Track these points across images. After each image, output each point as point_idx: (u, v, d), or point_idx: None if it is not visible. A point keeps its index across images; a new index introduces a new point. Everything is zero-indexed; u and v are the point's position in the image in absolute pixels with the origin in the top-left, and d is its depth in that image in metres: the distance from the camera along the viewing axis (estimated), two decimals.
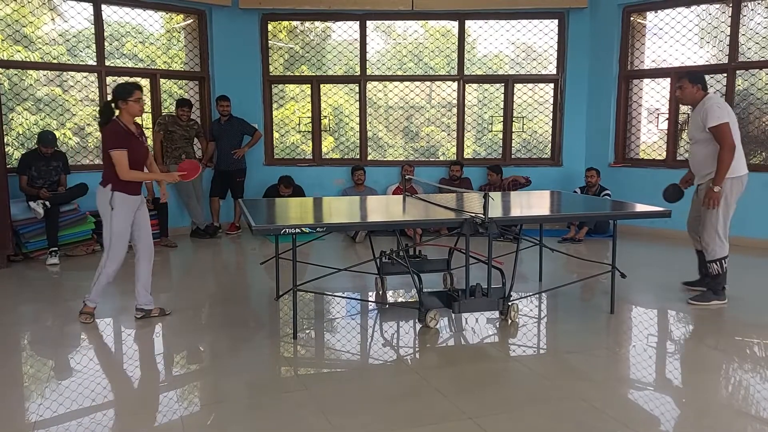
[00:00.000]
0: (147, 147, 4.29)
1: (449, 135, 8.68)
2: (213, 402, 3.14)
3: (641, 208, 4.74)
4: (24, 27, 7.03)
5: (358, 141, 8.35)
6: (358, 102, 8.30)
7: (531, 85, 8.41)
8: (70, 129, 7.56)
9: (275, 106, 8.36)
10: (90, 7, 7.04)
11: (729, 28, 6.93)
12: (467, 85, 8.30)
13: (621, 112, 7.90)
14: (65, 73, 7.36)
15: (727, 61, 6.95)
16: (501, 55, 8.53)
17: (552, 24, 8.12)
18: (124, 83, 4.19)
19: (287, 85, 8.47)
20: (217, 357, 3.80)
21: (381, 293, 4.97)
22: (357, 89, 8.28)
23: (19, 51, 7.06)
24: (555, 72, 8.18)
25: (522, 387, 3.31)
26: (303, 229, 3.72)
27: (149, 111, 7.51)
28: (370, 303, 4.87)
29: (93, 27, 7.11)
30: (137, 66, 7.74)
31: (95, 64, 7.17)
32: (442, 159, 8.60)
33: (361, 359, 3.82)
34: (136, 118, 4.17)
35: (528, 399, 3.13)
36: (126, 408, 3.11)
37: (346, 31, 8.24)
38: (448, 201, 5.06)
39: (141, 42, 7.88)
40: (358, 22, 8.07)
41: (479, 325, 4.26)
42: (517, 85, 8.31)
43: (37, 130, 6.92)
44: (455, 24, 8.14)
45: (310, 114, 8.31)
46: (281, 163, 8.26)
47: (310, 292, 4.68)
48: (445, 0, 7.87)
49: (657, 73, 7.69)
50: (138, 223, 4.22)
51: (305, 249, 6.24)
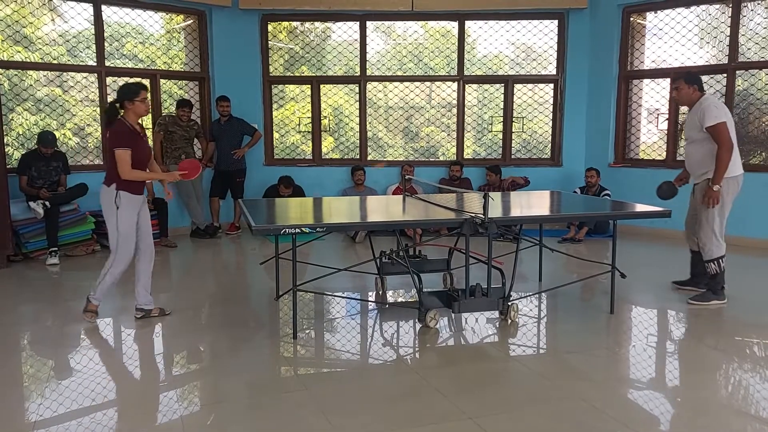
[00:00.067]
0: (150, 147, 4.32)
1: (449, 135, 8.68)
2: (213, 402, 3.14)
3: (641, 208, 4.73)
4: (24, 27, 7.03)
5: (358, 141, 8.36)
6: (358, 102, 8.30)
7: (531, 86, 8.42)
8: (70, 129, 7.56)
9: (275, 106, 8.36)
10: (90, 8, 7.05)
11: (729, 28, 6.93)
12: (467, 86, 8.30)
13: (621, 112, 7.90)
14: (65, 74, 7.36)
15: (727, 62, 6.95)
16: (501, 56, 8.53)
17: (552, 24, 8.12)
18: (130, 83, 4.24)
19: (287, 86, 8.48)
20: (217, 357, 3.80)
21: (381, 293, 4.97)
22: (357, 89, 8.28)
23: (19, 51, 7.06)
24: (555, 72, 8.18)
25: (522, 387, 3.31)
26: (303, 229, 3.72)
27: (149, 111, 7.51)
28: (370, 303, 4.87)
29: (93, 27, 7.12)
30: (137, 66, 7.74)
31: (95, 64, 7.17)
32: (442, 159, 8.60)
33: (361, 359, 3.82)
34: (141, 118, 4.21)
35: (528, 399, 3.13)
36: (126, 408, 3.11)
37: (346, 32, 8.24)
38: (448, 201, 5.06)
39: (141, 42, 7.88)
40: (358, 22, 8.07)
41: (479, 325, 4.26)
42: (517, 86, 8.31)
43: (37, 130, 6.92)
44: (455, 24, 8.15)
45: (310, 114, 8.31)
46: (281, 164, 8.26)
47: (310, 292, 4.68)
48: (445, 0, 7.87)
49: (657, 74, 7.70)
50: (139, 224, 4.23)
51: (305, 249, 6.24)
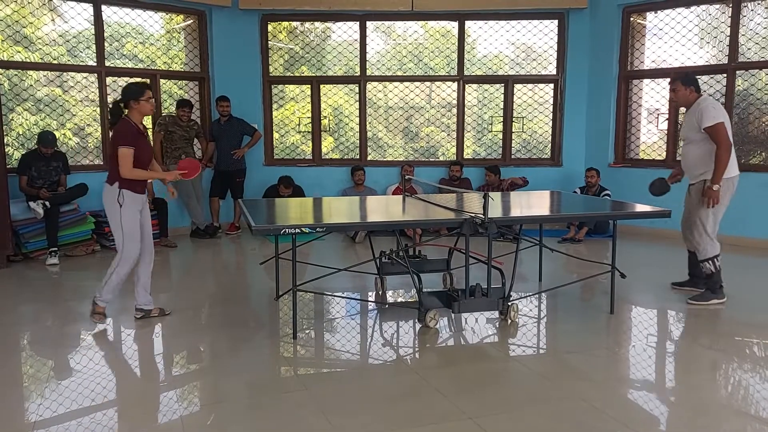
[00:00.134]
0: (152, 148, 4.33)
1: (449, 135, 8.68)
2: (213, 402, 3.14)
3: (641, 208, 4.74)
4: (24, 27, 7.03)
5: (358, 141, 8.35)
6: (358, 102, 8.30)
7: (531, 86, 8.41)
8: (70, 129, 7.55)
9: (275, 106, 8.36)
10: (90, 8, 7.05)
11: (729, 28, 6.93)
12: (467, 86, 8.30)
13: (621, 112, 7.90)
14: (65, 74, 7.36)
15: (727, 62, 6.96)
16: (501, 56, 8.53)
17: (552, 24, 8.12)
18: (134, 83, 4.29)
19: (287, 86, 8.48)
20: (217, 357, 3.80)
21: (381, 293, 4.97)
22: (357, 89, 8.28)
23: (19, 51, 7.06)
24: (555, 72, 8.18)
25: (522, 387, 3.31)
26: (303, 230, 3.72)
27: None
28: (369, 303, 4.87)
29: (93, 27, 7.12)
30: (137, 66, 7.74)
31: (95, 64, 7.17)
32: (441, 159, 8.60)
33: (361, 359, 3.82)
34: (145, 117, 4.24)
35: (528, 399, 3.13)
36: (126, 408, 3.11)
37: (346, 32, 8.24)
38: (447, 201, 5.06)
39: (141, 42, 7.88)
40: (358, 22, 8.07)
41: (479, 325, 4.26)
42: (517, 86, 8.31)
43: (37, 130, 6.92)
44: (455, 24, 8.15)
45: (310, 114, 8.31)
46: (281, 164, 8.26)
47: (309, 292, 4.68)
48: (445, 0, 7.87)
49: (657, 74, 7.70)
50: (140, 224, 4.23)
51: (305, 249, 6.24)
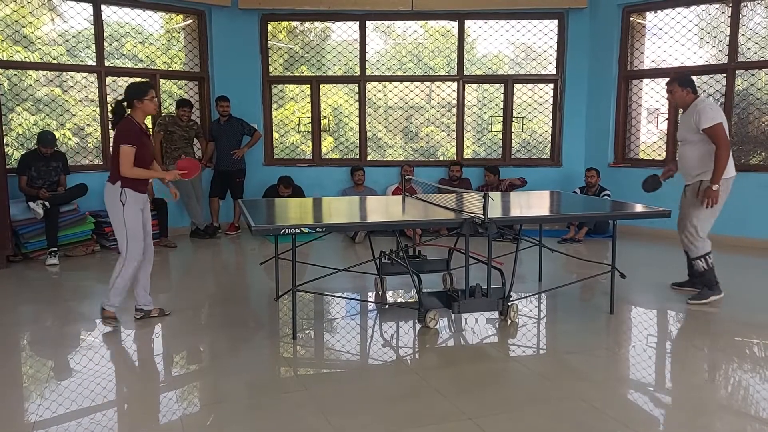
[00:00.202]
0: (153, 147, 4.34)
1: (449, 135, 8.67)
2: (213, 402, 3.14)
3: (641, 208, 4.73)
4: (24, 27, 7.03)
5: (357, 141, 8.35)
6: (357, 102, 8.30)
7: (530, 86, 8.41)
8: (69, 129, 7.55)
9: (275, 106, 8.35)
10: (90, 8, 7.04)
11: (729, 28, 6.93)
12: (467, 86, 8.30)
13: (621, 112, 7.90)
14: (65, 74, 7.35)
15: (727, 61, 6.95)
16: (500, 56, 8.52)
17: (552, 24, 8.12)
18: (138, 82, 4.31)
19: (287, 86, 8.47)
20: (217, 357, 3.80)
21: (381, 293, 4.97)
22: (357, 89, 8.27)
23: (19, 51, 7.06)
24: (554, 72, 8.18)
25: (522, 387, 3.31)
26: (302, 230, 3.72)
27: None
28: (369, 303, 4.87)
29: (93, 27, 7.11)
30: (137, 66, 7.74)
31: (95, 64, 7.17)
32: (441, 159, 8.60)
33: (361, 359, 3.82)
34: (147, 116, 4.25)
35: (528, 399, 3.13)
36: (126, 408, 3.11)
37: (345, 32, 8.24)
38: (447, 201, 5.06)
39: (141, 42, 7.87)
40: (357, 22, 8.07)
41: (479, 326, 4.26)
42: (517, 86, 8.31)
43: (37, 130, 6.91)
44: (455, 24, 8.15)
45: (309, 114, 8.31)
46: (281, 164, 8.26)
47: (309, 292, 4.68)
48: (445, 0, 7.87)
49: (656, 74, 7.69)
50: (141, 224, 4.23)
51: (305, 249, 6.24)
